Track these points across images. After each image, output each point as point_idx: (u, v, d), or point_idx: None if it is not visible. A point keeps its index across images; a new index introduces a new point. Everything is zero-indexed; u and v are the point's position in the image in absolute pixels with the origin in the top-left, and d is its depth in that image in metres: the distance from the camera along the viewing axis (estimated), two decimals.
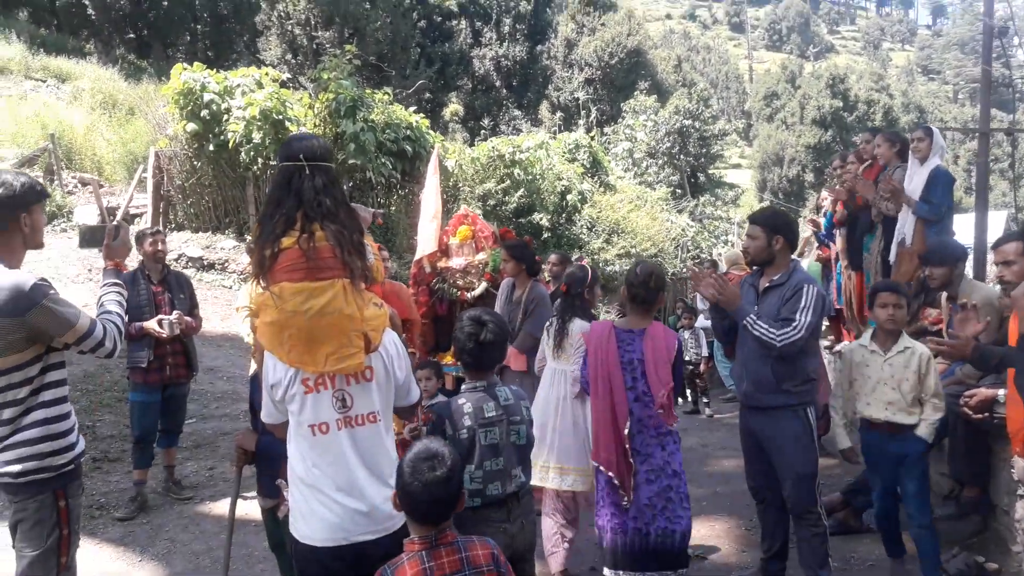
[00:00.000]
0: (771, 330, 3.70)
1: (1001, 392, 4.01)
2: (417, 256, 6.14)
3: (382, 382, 2.65)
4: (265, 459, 3.37)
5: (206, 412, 7.74)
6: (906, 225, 5.79)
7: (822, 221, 7.50)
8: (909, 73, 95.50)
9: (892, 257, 5.96)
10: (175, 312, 5.46)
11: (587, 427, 4.23)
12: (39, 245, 3.00)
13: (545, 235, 14.89)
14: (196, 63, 12.81)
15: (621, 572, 3.78)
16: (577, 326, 4.58)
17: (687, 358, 9.23)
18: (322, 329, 2.45)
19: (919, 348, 3.83)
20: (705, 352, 9.73)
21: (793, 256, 4.03)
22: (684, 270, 16.95)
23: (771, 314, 3.82)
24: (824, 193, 7.89)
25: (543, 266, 7.32)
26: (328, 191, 2.58)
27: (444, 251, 6.13)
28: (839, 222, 6.85)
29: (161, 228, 5.98)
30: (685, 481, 3.94)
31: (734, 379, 4.33)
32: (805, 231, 7.75)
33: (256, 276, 2.51)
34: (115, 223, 3.08)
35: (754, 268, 4.12)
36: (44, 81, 20.43)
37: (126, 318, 3.07)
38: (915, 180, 5.80)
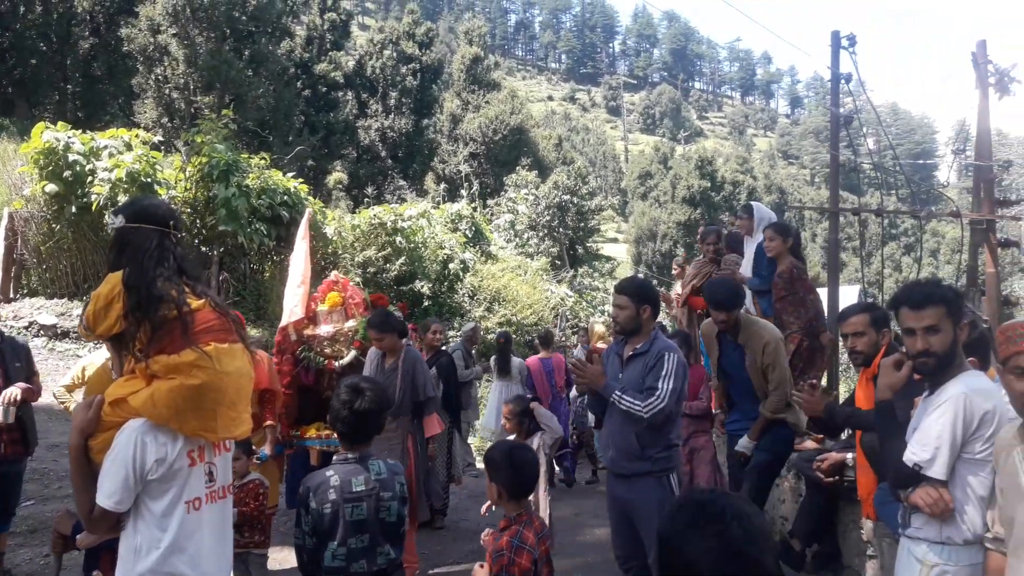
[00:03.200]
0: (636, 402, 3.76)
1: (850, 456, 4.21)
2: (283, 323, 5.91)
3: (231, 453, 2.59)
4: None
5: (47, 492, 7.04)
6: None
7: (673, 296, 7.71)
8: (771, 157, 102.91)
9: None
10: (10, 390, 4.97)
11: None
12: None
13: (426, 303, 14.81)
14: (60, 123, 12.18)
15: None
16: (517, 361, 9.18)
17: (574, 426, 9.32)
18: (238, 392, 2.39)
19: None
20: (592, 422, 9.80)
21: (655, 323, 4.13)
22: (563, 338, 17.23)
23: (636, 381, 3.88)
24: (677, 265, 8.20)
25: (429, 335, 7.25)
26: (192, 260, 2.55)
27: (312, 318, 5.94)
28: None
29: None
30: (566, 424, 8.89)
31: (600, 447, 4.35)
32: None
33: (158, 340, 2.30)
34: None
35: (619, 336, 4.19)
36: None
37: None
38: (747, 255, 6.19)
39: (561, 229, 26.69)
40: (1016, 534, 2.12)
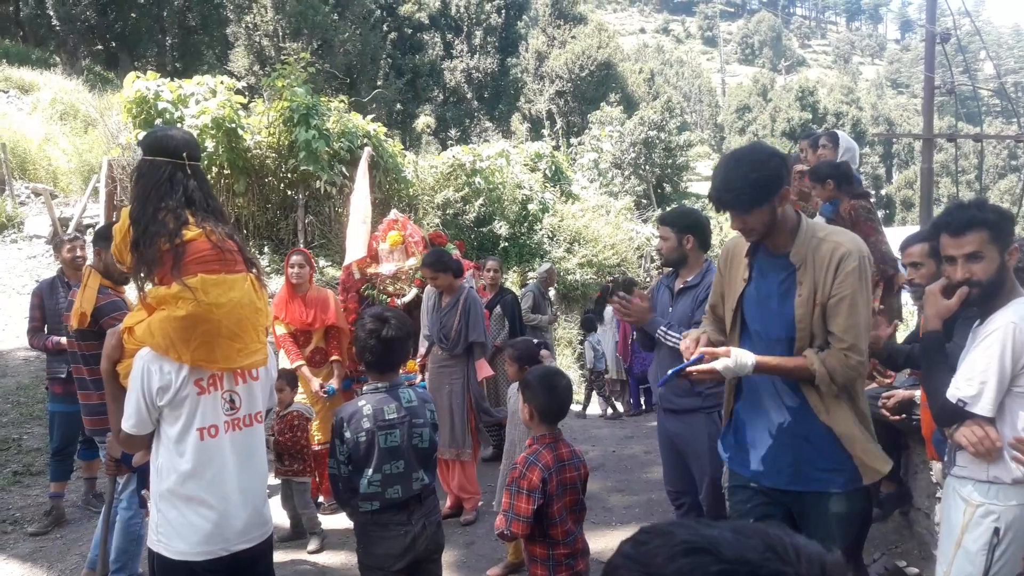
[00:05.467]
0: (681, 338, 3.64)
1: (917, 393, 3.97)
2: (346, 262, 6.01)
3: (264, 381, 2.61)
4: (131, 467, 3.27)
5: None
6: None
7: None
8: (879, 86, 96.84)
9: None
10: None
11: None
12: None
13: (504, 244, 14.82)
14: (150, 72, 12.61)
15: None
16: (610, 310, 9.26)
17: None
18: (237, 323, 2.40)
19: None
20: None
21: (706, 256, 3.96)
22: (647, 279, 16.98)
23: (686, 315, 3.76)
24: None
25: (487, 273, 7.24)
26: (209, 191, 2.57)
27: (374, 256, 6.01)
28: None
29: (80, 234, 5.79)
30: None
31: (651, 383, 4.26)
32: None
33: (154, 272, 2.36)
34: None
35: (668, 269, 4.06)
36: (6, 92, 20.06)
37: None
38: None
39: (647, 166, 26.01)
40: None
